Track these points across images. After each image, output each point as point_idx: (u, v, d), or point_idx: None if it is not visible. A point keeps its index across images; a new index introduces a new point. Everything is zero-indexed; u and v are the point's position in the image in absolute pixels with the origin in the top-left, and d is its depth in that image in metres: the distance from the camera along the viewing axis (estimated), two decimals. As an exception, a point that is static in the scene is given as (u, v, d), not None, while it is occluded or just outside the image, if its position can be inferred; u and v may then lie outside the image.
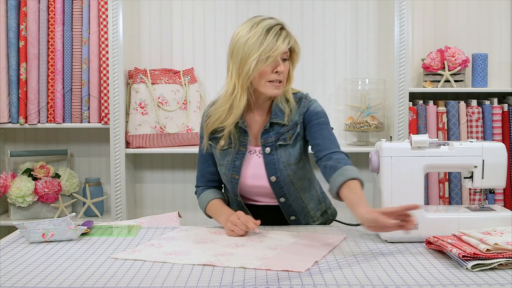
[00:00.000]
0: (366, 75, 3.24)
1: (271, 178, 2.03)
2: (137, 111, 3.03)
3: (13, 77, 3.08)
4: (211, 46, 3.25)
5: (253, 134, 2.06)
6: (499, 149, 1.89)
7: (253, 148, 2.06)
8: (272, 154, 2.02)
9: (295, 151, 2.03)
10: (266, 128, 2.03)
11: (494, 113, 3.10)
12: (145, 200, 3.32)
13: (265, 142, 2.03)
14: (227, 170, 2.06)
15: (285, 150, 2.02)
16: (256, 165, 2.05)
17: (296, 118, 2.03)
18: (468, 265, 1.53)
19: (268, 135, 2.03)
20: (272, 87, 1.96)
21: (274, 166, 2.02)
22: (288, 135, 2.02)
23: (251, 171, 2.04)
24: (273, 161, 2.02)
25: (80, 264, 1.63)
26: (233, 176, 2.05)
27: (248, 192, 2.09)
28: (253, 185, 2.06)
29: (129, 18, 3.14)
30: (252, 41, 1.92)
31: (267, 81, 1.95)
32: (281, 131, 2.02)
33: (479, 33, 3.26)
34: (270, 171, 2.03)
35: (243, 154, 2.04)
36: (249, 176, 2.05)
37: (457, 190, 3.09)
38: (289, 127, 2.02)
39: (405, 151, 1.87)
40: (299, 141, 2.04)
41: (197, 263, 1.61)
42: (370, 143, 3.14)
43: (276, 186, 2.04)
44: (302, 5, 3.24)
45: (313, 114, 2.03)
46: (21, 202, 3.05)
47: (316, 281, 1.47)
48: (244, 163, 2.04)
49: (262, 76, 1.94)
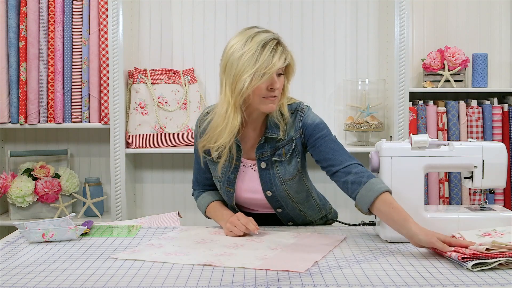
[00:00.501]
0: (366, 75, 3.24)
1: (267, 193, 2.00)
2: (137, 111, 3.03)
3: (13, 77, 3.08)
4: (211, 46, 3.25)
5: (247, 148, 2.00)
6: (499, 149, 1.89)
7: (247, 162, 2.01)
8: (268, 169, 1.98)
9: (291, 167, 1.98)
10: (261, 142, 1.97)
11: (494, 113, 3.10)
12: (145, 200, 3.32)
13: (260, 156, 1.97)
14: (222, 183, 2.03)
15: (280, 166, 1.97)
16: (251, 179, 2.01)
17: (292, 133, 1.96)
18: (468, 264, 1.53)
19: (263, 149, 1.97)
20: (267, 103, 1.88)
21: (270, 181, 1.98)
22: (283, 151, 1.96)
23: (246, 185, 2.02)
24: (269, 176, 1.98)
25: (80, 264, 1.63)
26: (228, 189, 2.03)
27: (244, 202, 2.08)
28: (249, 197, 2.04)
29: (129, 18, 3.14)
30: (247, 57, 1.84)
31: (261, 97, 1.88)
32: (276, 145, 1.96)
33: (479, 33, 3.26)
34: (266, 186, 1.99)
35: (237, 168, 2.00)
36: (244, 190, 2.03)
37: (457, 190, 3.09)
38: (285, 142, 1.96)
39: (405, 151, 1.87)
40: (295, 157, 1.98)
41: (197, 263, 1.61)
42: (370, 143, 3.14)
43: (273, 199, 2.02)
44: (302, 5, 3.24)
45: (313, 128, 1.95)
46: (21, 202, 3.05)
47: (316, 281, 1.47)
48: (238, 176, 2.01)
49: (256, 93, 1.87)
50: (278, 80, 1.88)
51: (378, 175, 1.89)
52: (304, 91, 3.23)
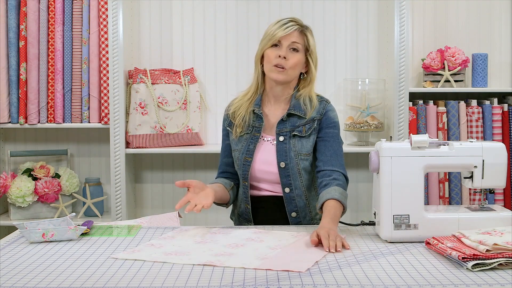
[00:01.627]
0: (366, 75, 3.24)
1: (281, 164, 2.12)
2: (137, 111, 3.03)
3: (13, 77, 3.09)
4: (211, 46, 3.25)
5: (269, 124, 2.19)
6: (499, 149, 1.89)
7: (267, 136, 2.18)
8: (285, 142, 2.14)
9: (308, 143, 2.14)
10: (283, 118, 2.15)
11: (494, 113, 3.10)
12: (145, 200, 3.32)
13: (280, 131, 2.15)
14: (241, 154, 2.18)
15: (298, 141, 2.14)
16: (268, 151, 2.16)
17: (314, 114, 2.15)
18: (468, 264, 1.53)
19: (284, 125, 2.15)
20: (275, 71, 2.11)
21: (285, 153, 2.13)
22: (304, 128, 2.14)
23: (263, 156, 2.16)
24: (285, 148, 2.13)
25: (80, 264, 1.63)
26: (246, 159, 2.16)
27: (256, 178, 2.18)
28: (263, 169, 2.16)
29: (129, 18, 3.14)
30: (266, 31, 2.16)
31: (272, 66, 2.11)
32: (297, 124, 2.14)
33: (479, 33, 3.26)
34: (281, 157, 2.13)
35: (257, 139, 2.17)
36: (259, 160, 2.16)
37: (457, 190, 3.09)
38: (307, 121, 2.14)
39: (405, 151, 1.87)
40: (313, 135, 2.14)
41: (197, 263, 1.61)
42: (370, 143, 3.14)
43: (284, 173, 2.12)
44: (302, 5, 3.24)
45: (330, 121, 2.16)
46: (21, 202, 3.05)
47: (316, 281, 1.47)
48: (257, 147, 2.16)
49: (267, 60, 2.12)
50: (291, 55, 2.11)
51: (378, 175, 1.89)
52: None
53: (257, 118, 2.18)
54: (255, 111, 2.17)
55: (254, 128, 2.18)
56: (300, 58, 2.14)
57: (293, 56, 2.12)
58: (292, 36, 2.12)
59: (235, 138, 2.21)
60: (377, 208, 1.90)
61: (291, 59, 2.11)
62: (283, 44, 2.11)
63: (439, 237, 1.75)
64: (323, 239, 1.75)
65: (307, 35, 2.15)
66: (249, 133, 2.18)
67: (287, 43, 2.11)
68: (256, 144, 2.16)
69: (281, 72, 2.11)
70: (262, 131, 2.17)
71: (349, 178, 2.16)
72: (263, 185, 2.19)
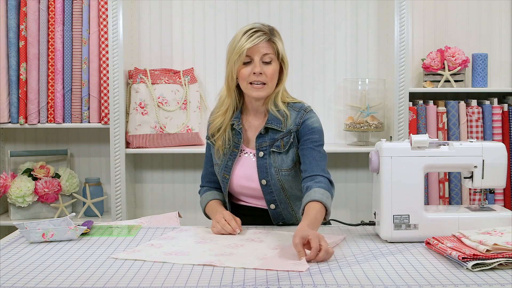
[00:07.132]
0: (366, 75, 3.24)
1: (262, 181, 2.07)
2: (137, 111, 3.03)
3: (13, 77, 3.08)
4: (211, 46, 3.25)
5: (248, 137, 2.12)
6: (499, 149, 1.89)
7: (247, 150, 2.12)
8: (265, 158, 2.07)
9: (288, 158, 2.07)
10: (261, 132, 2.08)
11: (494, 113, 3.10)
12: (145, 200, 3.32)
13: (259, 146, 2.08)
14: (220, 170, 2.12)
15: (278, 156, 2.07)
16: (248, 166, 2.10)
17: (291, 127, 2.07)
18: (468, 264, 1.53)
19: (263, 139, 2.08)
20: (252, 89, 2.03)
21: (266, 170, 2.07)
22: (282, 143, 2.07)
23: (243, 171, 2.10)
24: (265, 165, 2.07)
25: (80, 264, 1.63)
26: (224, 176, 2.12)
27: (239, 193, 2.14)
28: (245, 185, 2.11)
29: (129, 18, 3.14)
30: (231, 45, 2.04)
31: (248, 83, 2.03)
32: (275, 137, 2.07)
33: (479, 33, 3.26)
34: (262, 174, 2.07)
35: (235, 155, 2.11)
36: (240, 176, 2.10)
37: (457, 190, 3.09)
38: (284, 134, 2.07)
39: (405, 151, 1.87)
40: (292, 149, 2.07)
41: (197, 263, 1.62)
42: (370, 143, 3.14)
43: (267, 190, 2.08)
44: (302, 5, 3.24)
45: (308, 129, 2.06)
46: (21, 202, 3.05)
47: (316, 281, 1.47)
48: (236, 163, 2.11)
49: (242, 78, 2.03)
50: (265, 68, 2.02)
51: (378, 175, 1.89)
52: (304, 91, 3.23)
53: (236, 133, 2.10)
54: (234, 126, 2.10)
55: (233, 143, 2.11)
56: (275, 68, 2.04)
57: (268, 68, 2.02)
58: (262, 47, 2.01)
59: (215, 153, 2.14)
60: (377, 208, 1.90)
61: (267, 71, 2.02)
62: (254, 59, 2.01)
63: (439, 237, 1.75)
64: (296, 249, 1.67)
65: (275, 42, 2.04)
66: (229, 148, 2.11)
67: (258, 57, 2.01)
68: (234, 161, 2.10)
69: (261, 89, 2.03)
70: (242, 144, 2.11)
71: (349, 178, 2.16)
72: (246, 198, 2.16)
